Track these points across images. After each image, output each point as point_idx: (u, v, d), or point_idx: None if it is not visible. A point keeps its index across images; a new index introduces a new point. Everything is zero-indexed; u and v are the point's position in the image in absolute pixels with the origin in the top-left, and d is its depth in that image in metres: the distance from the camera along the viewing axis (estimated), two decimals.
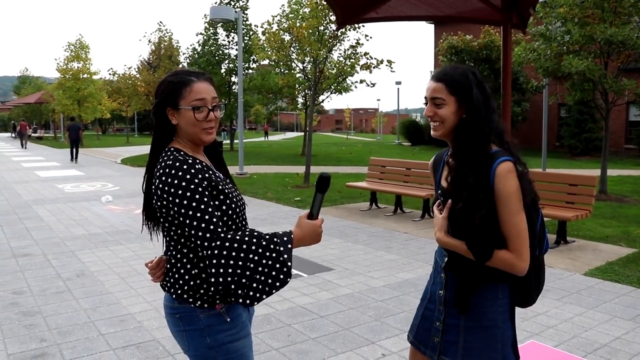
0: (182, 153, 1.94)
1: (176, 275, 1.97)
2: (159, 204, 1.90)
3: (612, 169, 17.58)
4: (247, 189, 13.49)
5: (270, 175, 17.36)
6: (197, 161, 1.93)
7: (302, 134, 39.10)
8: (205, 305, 1.94)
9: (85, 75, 36.20)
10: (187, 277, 1.94)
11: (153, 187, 1.92)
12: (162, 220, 1.96)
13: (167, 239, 2.00)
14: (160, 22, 34.15)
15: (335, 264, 6.61)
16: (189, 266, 1.94)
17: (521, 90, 27.15)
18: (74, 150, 23.39)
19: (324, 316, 4.84)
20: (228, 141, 32.59)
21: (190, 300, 1.94)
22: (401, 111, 61.00)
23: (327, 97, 22.01)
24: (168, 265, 2.03)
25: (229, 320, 1.97)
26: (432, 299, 2.15)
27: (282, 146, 39.39)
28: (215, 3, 30.87)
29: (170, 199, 1.83)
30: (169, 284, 2.02)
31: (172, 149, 1.97)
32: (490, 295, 2.00)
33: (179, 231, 1.92)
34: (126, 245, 7.59)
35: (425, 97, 2.05)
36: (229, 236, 1.79)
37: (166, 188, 1.84)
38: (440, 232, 1.99)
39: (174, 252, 1.98)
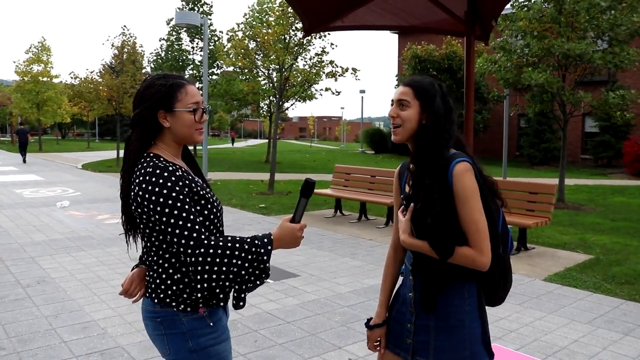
0: (161, 159, 1.93)
1: (157, 281, 1.96)
2: (139, 210, 1.89)
3: (569, 178, 18.09)
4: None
5: (234, 182, 17.28)
6: (177, 167, 1.93)
7: (266, 141, 38.99)
8: (188, 309, 1.94)
9: (45, 79, 35.43)
10: (169, 281, 1.94)
11: (132, 193, 1.90)
12: (142, 226, 1.94)
13: (148, 244, 1.98)
14: (124, 26, 33.74)
15: (301, 270, 6.63)
16: (171, 271, 1.94)
17: (482, 99, 27.71)
18: (23, 151, 26.31)
19: (291, 322, 4.86)
20: (192, 147, 32.30)
21: (173, 304, 1.94)
22: (365, 120, 61.45)
23: (292, 104, 22.08)
24: (150, 272, 2.01)
25: (211, 324, 1.98)
26: (404, 302, 2.20)
27: (246, 153, 39.24)
28: (180, 8, 30.64)
29: (152, 206, 1.83)
30: (149, 290, 2.00)
31: (151, 154, 1.95)
32: (457, 294, 2.05)
33: (161, 237, 1.91)
34: (88, 251, 7.45)
35: (392, 100, 2.13)
36: (212, 242, 1.80)
37: (147, 195, 1.83)
38: (404, 234, 2.06)
39: (155, 258, 1.97)
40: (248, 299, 5.34)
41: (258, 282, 1.88)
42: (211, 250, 1.78)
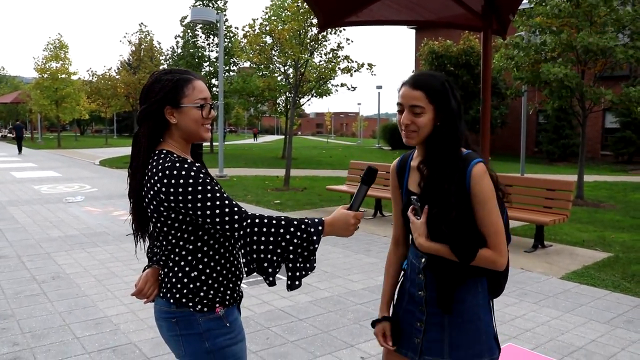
0: (175, 155, 1.91)
1: (173, 280, 1.93)
2: (161, 208, 1.85)
3: (588, 175, 17.82)
4: (226, 191, 13.35)
5: (250, 178, 17.30)
6: (190, 161, 1.90)
7: (283, 137, 39.04)
8: (205, 309, 1.92)
9: (63, 76, 35.76)
10: (185, 280, 1.91)
11: (151, 192, 1.86)
12: (159, 224, 1.91)
13: (164, 242, 1.94)
14: (142, 23, 34.08)
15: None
16: (187, 269, 1.91)
17: (500, 95, 27.43)
18: (19, 144, 29.70)
19: (303, 319, 4.83)
20: (208, 143, 32.42)
21: (190, 304, 1.91)
22: (382, 115, 61.23)
23: (308, 100, 22.03)
24: (165, 270, 1.98)
25: (228, 324, 1.95)
26: (411, 301, 2.15)
27: (263, 149, 39.30)
28: (194, 4, 30.72)
29: (181, 198, 1.79)
30: (164, 289, 1.97)
31: (164, 151, 1.93)
32: (471, 289, 2.02)
33: (178, 234, 1.89)
34: (103, 247, 7.49)
35: (401, 104, 2.01)
36: (257, 215, 1.81)
37: (172, 189, 1.80)
38: (421, 237, 1.99)
39: (171, 256, 1.94)
40: (261, 296, 5.35)
41: (308, 265, 1.87)
42: (257, 221, 1.78)
